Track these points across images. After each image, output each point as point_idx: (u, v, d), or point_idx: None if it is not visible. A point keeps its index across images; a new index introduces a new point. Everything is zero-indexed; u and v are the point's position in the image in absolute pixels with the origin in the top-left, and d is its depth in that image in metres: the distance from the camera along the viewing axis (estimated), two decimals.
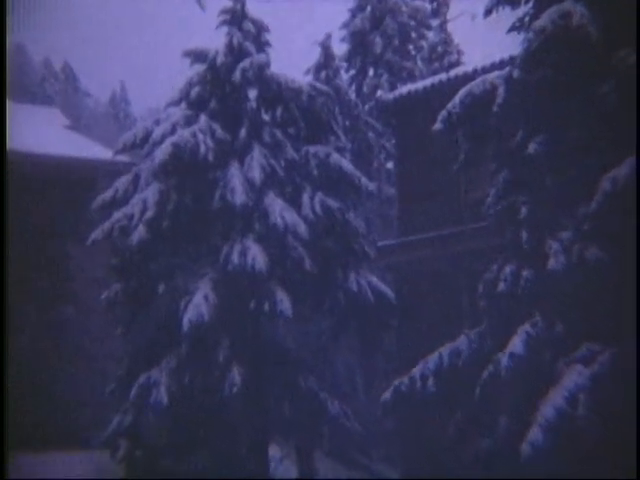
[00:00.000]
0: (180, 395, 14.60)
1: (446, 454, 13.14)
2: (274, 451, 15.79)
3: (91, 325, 16.82)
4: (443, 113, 12.93)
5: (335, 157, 15.74)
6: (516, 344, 11.79)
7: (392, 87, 22.82)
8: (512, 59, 12.90)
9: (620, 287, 11.19)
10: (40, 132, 18.03)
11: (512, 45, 13.07)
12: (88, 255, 16.36)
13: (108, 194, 15.69)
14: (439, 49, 24.45)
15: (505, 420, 12.08)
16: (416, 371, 13.02)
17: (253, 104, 15.91)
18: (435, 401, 12.96)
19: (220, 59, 15.61)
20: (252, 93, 15.87)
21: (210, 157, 14.96)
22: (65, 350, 17.10)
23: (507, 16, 12.90)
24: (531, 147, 12.11)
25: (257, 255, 14.69)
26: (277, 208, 14.99)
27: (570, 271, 11.37)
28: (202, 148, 14.89)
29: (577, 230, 11.42)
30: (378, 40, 24.88)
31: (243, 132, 15.53)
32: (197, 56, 15.88)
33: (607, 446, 10.91)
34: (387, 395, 13.23)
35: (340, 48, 25.19)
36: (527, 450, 10.96)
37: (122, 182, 15.75)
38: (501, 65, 13.71)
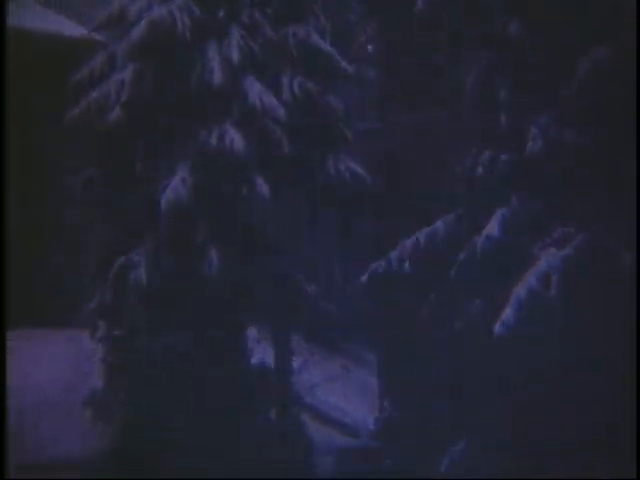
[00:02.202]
0: (159, 276, 14.75)
1: (421, 335, 13.41)
2: (251, 332, 16.04)
3: (67, 207, 16.80)
4: None
5: (315, 38, 15.49)
6: (492, 227, 11.95)
7: None
8: None
9: (597, 171, 11.28)
10: (8, 6, 17.36)
11: None
12: (65, 138, 16.20)
13: (84, 73, 15.43)
14: None
15: (479, 302, 12.32)
16: (393, 254, 13.20)
17: None
18: (411, 283, 13.17)
19: None
20: None
21: (187, 36, 14.71)
22: (45, 233, 17.13)
23: None
24: (512, 29, 11.99)
25: (235, 138, 14.62)
26: (255, 91, 14.85)
27: (548, 154, 11.42)
28: (179, 26, 14.61)
29: (556, 113, 11.43)
30: None
31: (221, 12, 15.24)
32: None
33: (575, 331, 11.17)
34: (364, 277, 13.43)
35: None
36: (499, 329, 11.21)
37: (98, 61, 15.46)
38: None
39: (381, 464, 14.13)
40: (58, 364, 15.99)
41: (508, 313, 11.16)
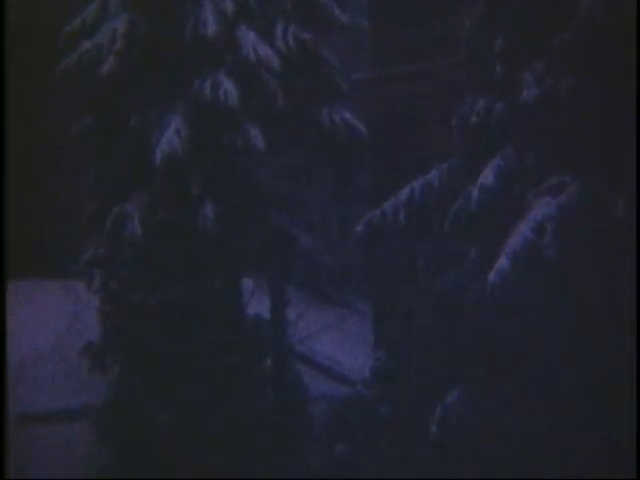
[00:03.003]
0: (154, 228, 14.78)
1: (416, 284, 13.46)
2: (247, 284, 16.11)
3: (63, 159, 16.81)
4: None
5: None
6: (487, 176, 11.91)
7: None
8: None
9: (591, 118, 11.25)
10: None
11: None
12: (57, 88, 16.13)
13: (76, 23, 15.32)
14: None
15: (474, 251, 12.35)
16: (388, 204, 13.18)
17: None
18: (406, 234, 13.19)
19: None
20: None
21: None
22: (39, 182, 17.18)
23: None
24: None
25: (229, 89, 14.57)
26: (249, 41, 14.77)
27: (543, 102, 11.37)
28: None
29: (552, 60, 11.36)
30: None
31: None
32: None
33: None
34: (359, 228, 13.42)
35: None
36: (494, 278, 11.22)
37: (90, 10, 15.33)
38: None
39: (376, 412, 14.27)
40: (56, 315, 16.16)
41: (503, 262, 11.16)
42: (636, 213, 10.77)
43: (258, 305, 16.26)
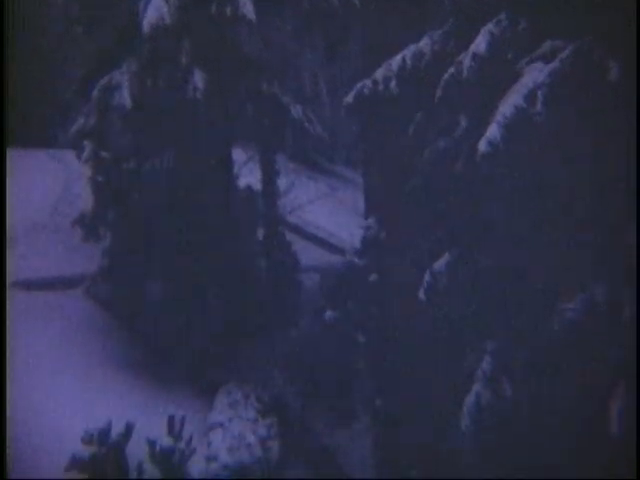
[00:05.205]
0: (143, 98, 14.65)
1: (406, 154, 13.45)
2: (238, 154, 16.10)
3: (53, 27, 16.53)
4: None
5: None
6: (479, 44, 11.76)
7: None
8: None
9: None
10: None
11: None
12: None
13: None
14: None
15: (465, 120, 12.30)
16: (379, 73, 13.06)
17: None
18: (397, 103, 13.10)
19: None
20: None
21: None
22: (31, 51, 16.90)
23: None
24: None
25: None
26: None
27: None
28: None
29: None
30: None
31: None
32: None
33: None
34: (350, 98, 13.31)
35: None
36: (484, 147, 11.21)
37: None
38: None
39: (366, 280, 14.49)
40: (48, 184, 16.13)
41: (493, 130, 11.14)
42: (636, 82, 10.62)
43: (250, 176, 16.29)
